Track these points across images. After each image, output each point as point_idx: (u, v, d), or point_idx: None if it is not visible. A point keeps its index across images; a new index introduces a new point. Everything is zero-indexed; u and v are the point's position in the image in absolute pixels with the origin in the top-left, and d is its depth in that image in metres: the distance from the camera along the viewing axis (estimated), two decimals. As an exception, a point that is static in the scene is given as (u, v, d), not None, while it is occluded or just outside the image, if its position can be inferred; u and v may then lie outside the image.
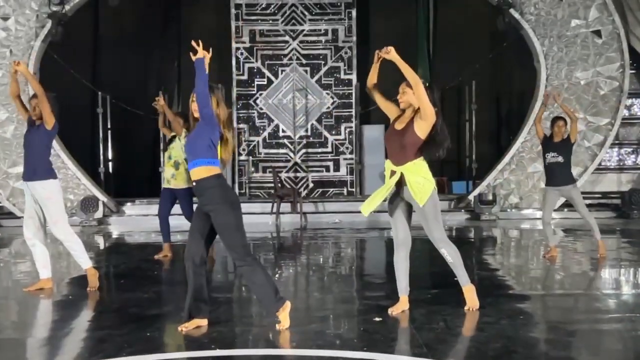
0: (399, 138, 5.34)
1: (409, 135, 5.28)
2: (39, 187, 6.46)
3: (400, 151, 5.33)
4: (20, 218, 13.13)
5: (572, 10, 13.55)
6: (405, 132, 5.32)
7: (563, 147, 8.35)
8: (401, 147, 5.32)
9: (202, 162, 4.88)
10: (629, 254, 9.19)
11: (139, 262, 8.87)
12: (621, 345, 4.78)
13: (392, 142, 5.42)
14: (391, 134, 5.47)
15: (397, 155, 5.35)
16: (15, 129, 13.39)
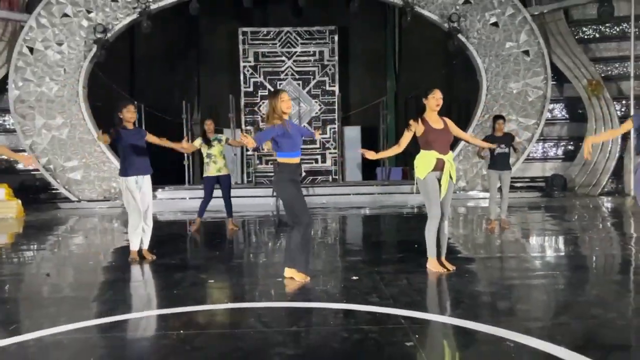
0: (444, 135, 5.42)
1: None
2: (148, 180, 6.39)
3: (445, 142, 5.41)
4: (73, 202, 13.11)
5: (506, 34, 13.50)
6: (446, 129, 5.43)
7: (507, 140, 8.41)
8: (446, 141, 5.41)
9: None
10: (551, 225, 9.25)
11: (167, 236, 8.86)
12: (546, 296, 4.86)
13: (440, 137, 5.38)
14: (434, 132, 5.36)
15: (445, 147, 5.39)
16: (69, 131, 13.27)
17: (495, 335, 3.62)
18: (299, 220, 5.12)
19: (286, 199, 5.14)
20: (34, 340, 3.73)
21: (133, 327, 4.11)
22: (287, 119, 5.13)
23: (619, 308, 4.36)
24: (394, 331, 3.77)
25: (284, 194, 5.13)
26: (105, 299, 4.93)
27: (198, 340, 3.72)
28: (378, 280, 5.25)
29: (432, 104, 5.37)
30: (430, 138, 5.31)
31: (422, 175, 5.36)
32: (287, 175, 5.10)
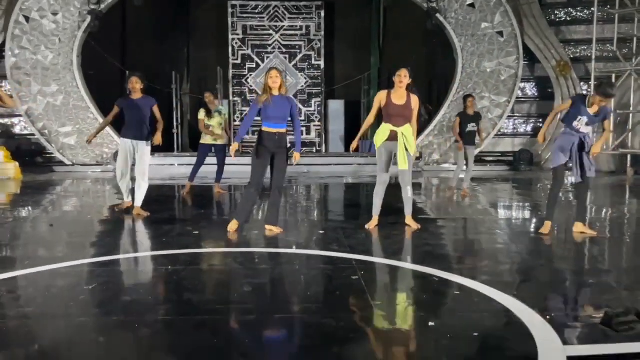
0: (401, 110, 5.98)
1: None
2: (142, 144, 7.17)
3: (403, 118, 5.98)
4: (67, 165, 13.78)
5: (482, 15, 14.15)
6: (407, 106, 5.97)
7: (477, 118, 9.18)
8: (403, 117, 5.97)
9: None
10: (517, 195, 10.08)
11: (157, 196, 9.56)
12: (481, 247, 5.67)
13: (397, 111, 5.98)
14: (393, 106, 5.95)
15: (401, 121, 5.97)
16: (64, 98, 13.86)
17: (425, 272, 4.44)
18: (251, 181, 6.00)
19: (251, 161, 5.96)
20: (44, 271, 4.49)
21: (127, 264, 4.88)
22: (275, 94, 5.84)
23: (548, 256, 5.21)
24: (345, 269, 4.57)
25: (252, 155, 5.95)
26: (103, 244, 5.71)
27: (184, 273, 4.50)
28: (341, 234, 6.02)
29: (396, 81, 5.98)
30: (389, 112, 6.00)
31: (377, 144, 6.13)
32: (260, 141, 5.88)
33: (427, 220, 7.16)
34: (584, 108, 5.64)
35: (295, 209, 8.33)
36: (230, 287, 4.24)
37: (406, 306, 3.73)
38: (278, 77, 5.82)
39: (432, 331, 3.22)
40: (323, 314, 3.52)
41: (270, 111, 5.80)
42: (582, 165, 5.72)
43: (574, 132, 5.70)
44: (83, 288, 4.06)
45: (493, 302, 3.70)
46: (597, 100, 5.60)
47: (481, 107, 14.27)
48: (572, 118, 5.72)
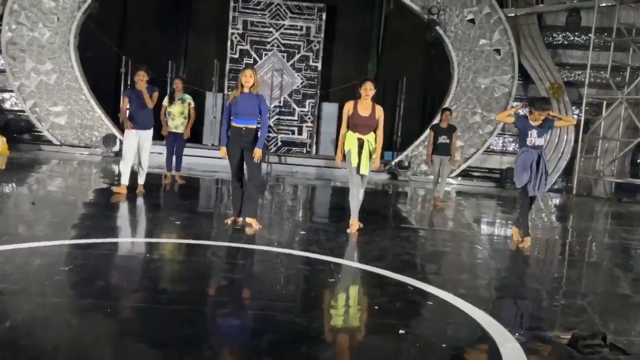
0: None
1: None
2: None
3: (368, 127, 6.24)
4: (56, 145, 13.69)
5: (481, 32, 14.24)
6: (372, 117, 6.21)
7: (449, 131, 9.31)
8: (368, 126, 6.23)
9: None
10: (500, 212, 10.18)
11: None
12: (454, 260, 5.73)
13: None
14: (359, 117, 6.20)
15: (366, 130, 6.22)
16: (57, 77, 13.77)
17: (400, 281, 4.48)
18: (231, 176, 6.21)
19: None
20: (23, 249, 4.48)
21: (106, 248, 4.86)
22: (245, 91, 5.97)
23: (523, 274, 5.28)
24: (322, 271, 4.61)
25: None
26: (84, 226, 5.70)
27: (162, 262, 4.52)
28: (322, 236, 6.07)
29: (362, 94, 6.21)
30: (355, 122, 6.24)
31: (346, 150, 6.30)
32: (231, 137, 6.06)
33: (408, 230, 7.24)
34: (528, 124, 6.16)
35: (280, 207, 8.36)
36: (207, 280, 4.26)
37: (378, 312, 3.76)
38: (252, 76, 5.99)
39: (401, 339, 3.27)
40: (295, 313, 3.55)
41: (238, 107, 5.99)
42: (538, 181, 6.15)
43: (531, 148, 6.16)
44: (59, 269, 4.06)
45: (465, 315, 3.75)
46: (535, 115, 6.11)
47: (472, 122, 14.40)
48: (524, 136, 6.20)
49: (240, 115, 5.99)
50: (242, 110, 5.98)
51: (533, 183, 6.17)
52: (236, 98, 5.98)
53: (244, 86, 5.97)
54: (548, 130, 6.35)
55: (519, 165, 6.25)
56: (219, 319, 3.41)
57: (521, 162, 6.23)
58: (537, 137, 6.15)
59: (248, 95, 6.00)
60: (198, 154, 14.21)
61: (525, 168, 6.16)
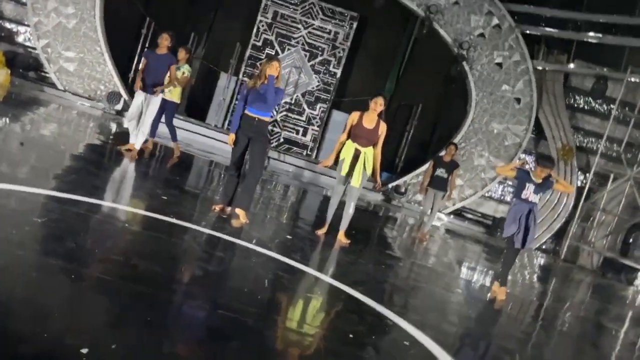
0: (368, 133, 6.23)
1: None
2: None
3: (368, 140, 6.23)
4: (58, 90, 13.43)
5: (506, 77, 14.14)
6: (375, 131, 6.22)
7: (450, 167, 9.14)
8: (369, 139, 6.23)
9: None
10: (484, 260, 10.03)
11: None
12: (420, 294, 5.56)
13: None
14: (362, 129, 6.22)
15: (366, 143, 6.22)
16: (77, 23, 13.52)
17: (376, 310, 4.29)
18: (229, 163, 6.04)
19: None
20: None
21: (85, 208, 4.64)
22: (266, 82, 5.76)
23: (483, 321, 5.11)
24: (300, 283, 4.42)
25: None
26: (68, 180, 5.47)
27: (138, 236, 4.31)
28: (307, 245, 5.90)
29: (370, 106, 6.23)
30: (356, 132, 6.23)
31: (342, 157, 6.30)
32: (242, 125, 5.86)
33: (393, 258, 7.07)
34: (529, 178, 6.15)
35: (270, 205, 8.16)
36: (180, 265, 4.05)
37: (352, 340, 3.56)
38: (278, 69, 5.82)
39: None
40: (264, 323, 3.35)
41: (255, 96, 5.80)
42: (525, 235, 6.12)
43: (524, 202, 6.13)
44: (32, 219, 3.84)
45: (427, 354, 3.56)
46: (538, 171, 6.13)
47: (477, 164, 14.28)
48: (520, 188, 6.18)
49: (256, 104, 5.79)
50: (259, 100, 5.77)
51: (520, 236, 6.11)
52: (256, 87, 5.79)
53: (267, 77, 5.77)
54: (545, 191, 6.34)
55: (509, 216, 6.26)
56: (183, 309, 3.21)
57: (512, 213, 6.22)
58: (533, 193, 6.14)
59: (269, 87, 5.79)
60: (199, 132, 14.02)
61: (515, 220, 6.13)
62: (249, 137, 5.86)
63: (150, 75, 7.64)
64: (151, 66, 7.63)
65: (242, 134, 5.85)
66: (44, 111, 10.64)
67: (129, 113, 7.92)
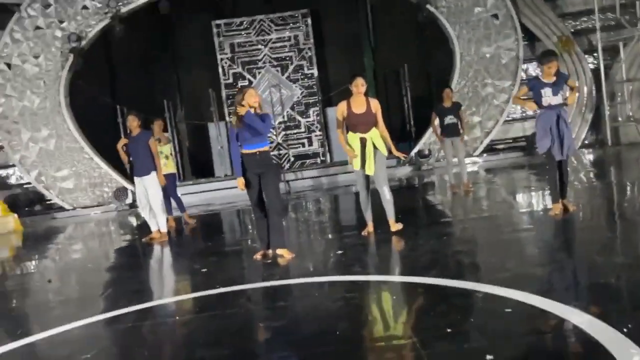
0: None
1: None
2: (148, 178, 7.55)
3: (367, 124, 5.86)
4: (68, 210, 13.35)
5: (474, 0, 13.67)
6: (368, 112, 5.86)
7: (454, 109, 8.72)
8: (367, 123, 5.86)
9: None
10: (536, 182, 9.55)
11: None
12: (514, 250, 5.14)
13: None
14: (355, 116, 5.86)
15: (366, 127, 5.87)
16: (56, 142, 13.45)
17: (466, 288, 3.90)
18: (252, 208, 5.77)
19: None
20: (38, 341, 4.00)
21: (131, 319, 4.36)
22: (247, 111, 5.43)
23: (582, 253, 4.67)
24: (373, 295, 4.06)
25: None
26: (105, 296, 5.21)
27: (191, 323, 4.00)
28: (361, 252, 5.55)
29: (353, 91, 5.87)
30: (352, 121, 5.89)
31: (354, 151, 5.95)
32: (245, 166, 5.55)
33: (450, 224, 6.67)
34: (541, 82, 5.77)
35: (307, 227, 7.84)
36: (246, 334, 3.72)
37: (451, 334, 3.17)
38: (257, 97, 5.51)
39: (490, 367, 2.69)
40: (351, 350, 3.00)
41: (245, 132, 5.47)
42: (562, 143, 5.76)
43: (548, 109, 5.75)
44: (82, 358, 3.55)
45: (560, 319, 3.15)
46: (545, 70, 5.72)
47: (485, 94, 13.76)
48: (538, 97, 5.78)
49: (249, 140, 5.48)
50: (250, 134, 5.46)
51: (557, 145, 5.71)
52: (239, 126, 5.46)
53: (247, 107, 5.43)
54: (563, 86, 5.83)
55: (538, 129, 5.84)
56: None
57: (540, 125, 5.81)
58: (552, 96, 5.71)
59: (251, 117, 5.46)
60: (213, 188, 13.81)
61: (546, 131, 5.74)
62: (258, 174, 5.56)
63: (135, 158, 7.59)
64: (133, 150, 7.57)
65: (250, 174, 5.55)
66: (62, 237, 10.50)
67: (139, 203, 7.80)
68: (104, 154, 13.93)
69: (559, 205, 5.95)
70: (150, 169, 7.54)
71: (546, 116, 5.76)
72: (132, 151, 7.54)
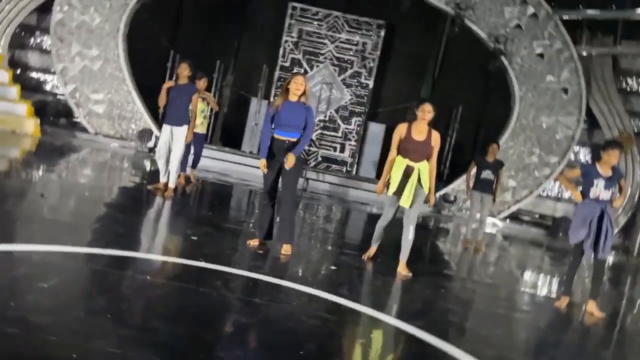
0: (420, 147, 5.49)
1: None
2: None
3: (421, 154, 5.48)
4: (90, 133, 13.30)
5: (549, 67, 13.26)
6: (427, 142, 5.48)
7: (495, 167, 8.44)
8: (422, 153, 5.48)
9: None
10: (551, 266, 9.20)
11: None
12: (504, 327, 4.85)
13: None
14: (412, 142, 5.48)
15: (419, 157, 5.48)
16: (102, 64, 13.42)
17: (447, 353, 3.63)
18: (262, 192, 5.55)
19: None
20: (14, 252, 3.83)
21: (103, 262, 4.16)
22: (292, 100, 5.29)
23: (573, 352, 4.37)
24: (350, 326, 3.81)
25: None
26: (89, 231, 5.05)
27: (160, 289, 3.79)
28: (355, 275, 5.30)
29: (419, 115, 5.49)
30: (407, 146, 5.48)
31: (392, 177, 5.54)
32: (272, 149, 5.35)
33: (451, 279, 6.38)
34: (596, 172, 5.36)
35: (311, 231, 7.60)
36: (208, 321, 3.50)
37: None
38: (303, 84, 5.30)
39: None
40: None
41: (282, 118, 5.27)
42: (597, 240, 5.29)
43: (594, 202, 5.31)
44: (39, 284, 3.36)
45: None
46: (605, 158, 5.35)
47: (528, 162, 13.38)
48: (588, 186, 5.36)
49: (284, 126, 5.26)
50: (286, 121, 5.25)
51: (591, 241, 5.28)
52: (279, 106, 5.27)
53: (290, 93, 5.27)
54: (616, 183, 5.40)
55: (577, 219, 5.38)
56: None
57: (580, 215, 5.35)
58: (603, 190, 5.28)
59: (295, 105, 5.29)
60: (235, 161, 13.65)
61: (585, 223, 5.28)
62: (281, 162, 5.34)
63: (173, 106, 7.21)
64: (173, 98, 7.20)
65: (272, 159, 5.34)
66: (76, 157, 10.43)
67: (158, 150, 7.49)
68: (144, 92, 13.87)
69: (567, 299, 5.61)
70: (185, 121, 7.28)
71: (590, 207, 5.32)
72: (173, 99, 7.21)
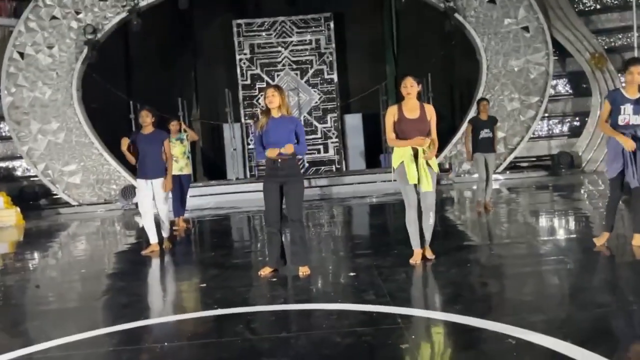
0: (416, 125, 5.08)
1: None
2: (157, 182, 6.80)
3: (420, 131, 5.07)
4: (73, 206, 12.96)
5: (504, 11, 13.11)
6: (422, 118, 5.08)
7: (491, 124, 8.24)
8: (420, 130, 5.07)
9: None
10: (559, 205, 8.98)
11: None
12: (550, 285, 4.61)
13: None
14: (406, 121, 5.06)
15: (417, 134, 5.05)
16: (66, 135, 13.10)
17: (498, 332, 3.37)
18: (265, 220, 5.29)
19: (263, 196, 5.19)
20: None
21: (113, 341, 3.88)
22: (276, 116, 5.07)
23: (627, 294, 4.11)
24: (388, 332, 3.53)
25: (263, 190, 5.18)
26: (92, 310, 4.75)
27: (182, 352, 3.51)
28: (376, 276, 5.01)
29: (403, 93, 5.13)
30: (402, 128, 5.09)
31: (396, 164, 5.19)
32: (266, 171, 5.17)
33: (474, 248, 6.11)
34: (622, 96, 5.02)
35: (318, 241, 7.32)
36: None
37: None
38: (275, 95, 5.02)
39: None
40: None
41: (271, 136, 5.01)
42: (636, 169, 4.98)
43: (625, 129, 4.98)
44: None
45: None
46: (627, 79, 4.97)
47: (511, 109, 13.20)
48: (616, 114, 5.03)
49: (274, 144, 4.97)
50: (275, 139, 4.97)
51: (632, 171, 4.95)
52: (264, 126, 5.01)
53: (270, 109, 5.04)
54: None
55: (610, 152, 5.09)
56: None
57: (613, 147, 5.06)
58: (633, 114, 4.94)
59: (279, 120, 5.04)
60: (224, 191, 13.37)
61: (617, 154, 4.99)
62: (280, 182, 5.05)
63: (147, 158, 6.66)
64: (144, 149, 6.65)
65: (271, 183, 5.07)
66: (66, 234, 10.09)
67: (140, 207, 6.86)
68: (114, 150, 13.52)
69: (607, 235, 5.32)
70: (163, 172, 6.76)
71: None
72: (144, 150, 6.64)
